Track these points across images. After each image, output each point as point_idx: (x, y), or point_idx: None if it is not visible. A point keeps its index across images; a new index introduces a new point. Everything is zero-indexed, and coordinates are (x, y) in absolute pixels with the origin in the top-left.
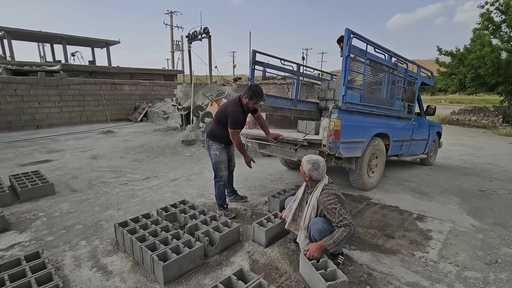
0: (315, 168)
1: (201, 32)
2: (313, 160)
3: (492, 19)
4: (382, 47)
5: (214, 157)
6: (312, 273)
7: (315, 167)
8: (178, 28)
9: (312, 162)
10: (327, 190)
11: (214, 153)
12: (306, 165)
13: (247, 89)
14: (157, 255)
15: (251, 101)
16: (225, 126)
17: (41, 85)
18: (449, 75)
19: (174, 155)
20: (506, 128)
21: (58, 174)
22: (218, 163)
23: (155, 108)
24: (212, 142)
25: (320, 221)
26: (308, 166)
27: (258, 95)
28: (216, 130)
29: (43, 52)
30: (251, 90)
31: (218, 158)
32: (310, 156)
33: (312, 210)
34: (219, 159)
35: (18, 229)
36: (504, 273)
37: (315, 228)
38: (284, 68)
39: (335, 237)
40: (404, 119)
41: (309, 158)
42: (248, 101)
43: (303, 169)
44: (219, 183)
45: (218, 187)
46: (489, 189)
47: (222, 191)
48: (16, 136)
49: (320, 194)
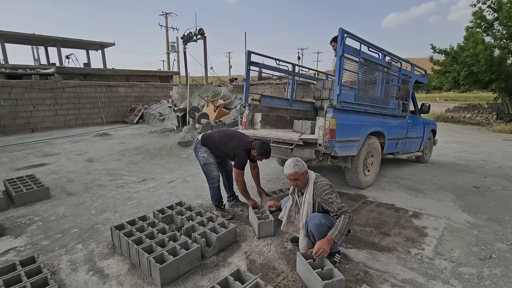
0: (300, 161)
1: (196, 33)
2: (294, 161)
3: (484, 17)
4: (375, 46)
5: (202, 159)
6: (308, 272)
7: (300, 160)
8: (173, 30)
9: (296, 162)
10: (319, 182)
11: (202, 155)
12: (299, 167)
13: (259, 145)
14: (154, 257)
15: (258, 156)
16: (223, 150)
17: (36, 88)
18: (443, 73)
19: (171, 156)
20: (500, 125)
21: (53, 178)
22: (207, 165)
23: (151, 110)
24: (201, 145)
25: (317, 216)
26: (299, 165)
27: (267, 154)
28: (211, 144)
29: (37, 55)
30: (263, 149)
31: (206, 160)
32: (287, 165)
33: (308, 206)
34: (207, 161)
35: (13, 234)
36: (498, 268)
37: (313, 222)
38: (279, 69)
39: (339, 227)
40: (399, 118)
41: (292, 165)
42: (256, 155)
43: (300, 172)
44: (213, 185)
45: (213, 189)
46: (484, 185)
47: (217, 192)
48: (10, 140)
49: (314, 188)
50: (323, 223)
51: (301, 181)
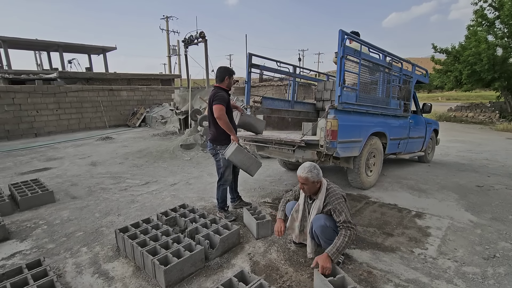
0: (318, 169)
1: (197, 37)
2: (310, 167)
3: (485, 15)
4: (376, 47)
5: (223, 161)
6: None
7: (317, 168)
8: (174, 33)
9: (312, 168)
10: (332, 189)
11: (223, 157)
12: (312, 174)
13: (220, 72)
14: (158, 259)
15: (230, 79)
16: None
17: (39, 93)
18: (445, 72)
19: (173, 159)
20: (503, 124)
21: (57, 182)
22: (227, 168)
23: (153, 113)
24: (219, 147)
25: (322, 217)
26: (314, 173)
27: (229, 70)
28: (214, 132)
29: (40, 60)
30: (223, 70)
31: (227, 163)
32: (303, 167)
33: (317, 212)
34: (228, 164)
35: (19, 237)
36: (502, 267)
37: (318, 224)
38: (280, 70)
39: (338, 245)
40: (400, 118)
41: (307, 170)
42: (228, 81)
43: (312, 180)
44: (223, 186)
45: (222, 190)
46: (487, 185)
47: (225, 194)
48: (14, 145)
49: (326, 195)
50: (328, 226)
51: (310, 188)
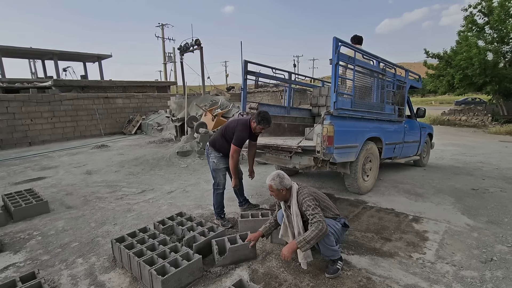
0: (281, 177)
1: (193, 44)
2: (274, 175)
3: (475, 21)
4: (369, 54)
5: (212, 164)
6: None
7: (280, 176)
8: (169, 40)
9: (274, 176)
10: (300, 191)
11: (212, 160)
12: (274, 182)
13: (256, 114)
14: (155, 269)
15: (259, 126)
16: (228, 140)
17: (33, 102)
18: (438, 76)
19: (170, 167)
20: (496, 127)
21: (52, 191)
22: (216, 171)
23: (149, 120)
24: (211, 150)
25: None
26: (276, 181)
27: (266, 121)
28: (218, 140)
29: (34, 68)
30: (260, 116)
31: (215, 166)
32: (269, 175)
33: (297, 218)
34: (217, 167)
35: (12, 249)
36: (500, 270)
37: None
38: (276, 77)
39: (306, 235)
40: (395, 122)
41: (271, 178)
42: (256, 126)
43: (275, 187)
44: (217, 191)
45: (216, 195)
46: (482, 188)
47: (220, 199)
48: (8, 154)
49: (298, 197)
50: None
51: (277, 195)
